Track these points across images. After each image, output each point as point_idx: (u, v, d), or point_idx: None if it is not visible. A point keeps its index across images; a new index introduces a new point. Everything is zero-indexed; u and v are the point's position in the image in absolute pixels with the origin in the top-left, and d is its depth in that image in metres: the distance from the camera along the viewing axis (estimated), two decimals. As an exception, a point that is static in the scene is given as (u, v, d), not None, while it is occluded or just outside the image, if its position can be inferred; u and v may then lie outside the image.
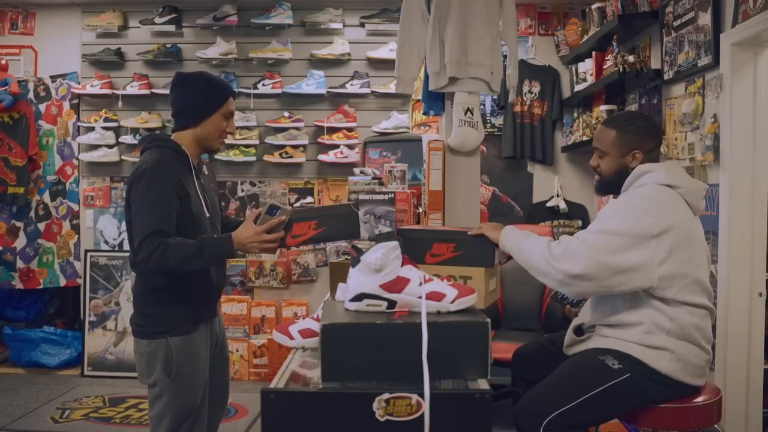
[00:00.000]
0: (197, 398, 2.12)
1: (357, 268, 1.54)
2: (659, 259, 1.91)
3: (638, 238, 1.89)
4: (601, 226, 1.95)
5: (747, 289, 2.95)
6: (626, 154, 2.11)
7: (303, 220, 2.06)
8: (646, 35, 3.80)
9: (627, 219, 1.92)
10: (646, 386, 1.95)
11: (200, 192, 2.14)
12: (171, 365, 2.06)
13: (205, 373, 2.17)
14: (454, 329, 1.44)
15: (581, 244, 1.90)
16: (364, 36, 4.81)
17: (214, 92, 2.13)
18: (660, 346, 1.95)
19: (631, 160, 2.10)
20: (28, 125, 4.79)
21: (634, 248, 1.89)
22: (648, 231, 1.90)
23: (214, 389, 2.29)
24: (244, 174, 4.89)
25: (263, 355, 4.66)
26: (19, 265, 4.87)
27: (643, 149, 2.10)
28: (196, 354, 2.12)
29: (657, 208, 1.95)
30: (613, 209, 2.00)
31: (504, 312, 4.04)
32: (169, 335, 2.07)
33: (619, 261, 1.88)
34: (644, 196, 1.99)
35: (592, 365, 1.98)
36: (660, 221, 1.92)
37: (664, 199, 1.98)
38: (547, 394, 1.96)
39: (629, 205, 1.97)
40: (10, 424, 3.66)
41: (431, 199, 2.57)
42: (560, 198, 4.69)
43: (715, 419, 2.04)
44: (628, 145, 2.10)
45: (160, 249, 1.93)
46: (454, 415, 1.35)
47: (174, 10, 4.78)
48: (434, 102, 2.79)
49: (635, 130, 2.12)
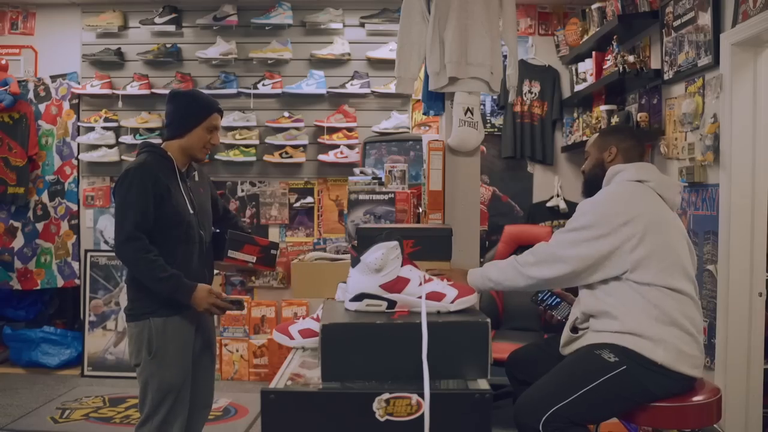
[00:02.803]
0: (177, 378, 2.29)
1: (357, 268, 1.54)
2: (631, 246, 1.99)
3: (605, 227, 2.00)
4: (569, 225, 2.08)
5: (747, 289, 2.95)
6: (603, 150, 2.25)
7: (251, 243, 2.44)
8: (646, 35, 3.80)
9: (593, 214, 2.04)
10: (643, 378, 1.96)
11: (185, 192, 2.34)
12: (152, 344, 2.26)
13: (188, 357, 2.33)
14: (454, 329, 1.44)
15: (551, 248, 2.05)
16: (364, 36, 4.81)
17: (199, 108, 2.36)
18: (651, 335, 1.97)
19: (607, 155, 2.23)
20: (28, 125, 4.79)
21: (602, 238, 1.99)
22: (615, 220, 2.00)
23: (198, 387, 2.44)
24: (244, 174, 4.89)
25: (263, 355, 4.66)
26: (17, 266, 4.86)
27: (620, 147, 2.23)
28: (176, 336, 2.30)
29: (623, 197, 2.07)
30: (580, 209, 2.10)
31: (504, 312, 4.04)
32: (152, 316, 2.27)
33: (588, 252, 1.99)
34: (610, 191, 2.12)
35: (589, 360, 2.00)
36: (628, 210, 2.02)
37: (631, 190, 2.09)
38: (546, 390, 1.98)
39: (595, 201, 2.10)
40: (10, 424, 3.66)
41: (431, 199, 2.56)
42: (560, 198, 4.69)
43: (715, 419, 2.04)
44: (606, 143, 2.25)
45: (146, 256, 2.20)
46: (454, 415, 1.35)
47: (174, 10, 4.78)
48: (434, 102, 2.78)
49: (614, 130, 2.33)
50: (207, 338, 2.49)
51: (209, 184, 2.60)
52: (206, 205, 2.47)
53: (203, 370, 2.48)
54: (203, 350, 2.48)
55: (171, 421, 2.28)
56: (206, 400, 2.54)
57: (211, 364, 2.55)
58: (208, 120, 2.35)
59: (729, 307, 2.95)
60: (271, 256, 2.50)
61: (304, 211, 4.88)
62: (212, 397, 2.59)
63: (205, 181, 2.54)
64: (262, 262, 2.48)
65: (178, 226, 2.29)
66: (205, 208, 2.45)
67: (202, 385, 2.48)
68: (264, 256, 2.47)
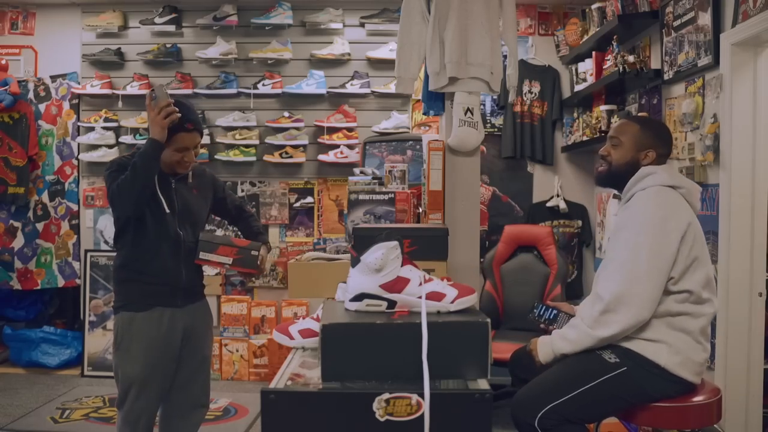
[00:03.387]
0: (140, 372, 2.33)
1: (357, 268, 1.54)
2: (683, 257, 1.98)
3: (670, 245, 1.96)
4: (631, 245, 1.97)
5: (747, 289, 2.95)
6: (641, 150, 2.15)
7: (228, 245, 2.43)
8: (646, 35, 3.80)
9: (653, 233, 1.96)
10: (642, 380, 1.96)
11: (162, 192, 2.35)
12: (118, 337, 2.36)
13: (154, 354, 2.35)
14: (454, 329, 1.44)
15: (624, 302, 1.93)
16: (364, 36, 4.81)
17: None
18: (658, 338, 1.97)
19: (643, 157, 2.14)
20: (28, 125, 4.79)
21: (670, 260, 1.96)
22: (675, 236, 1.96)
23: (189, 387, 2.47)
24: (244, 174, 4.89)
25: (263, 355, 4.66)
26: (17, 266, 4.86)
27: (657, 151, 2.15)
28: (141, 332, 2.34)
29: (670, 210, 2.01)
30: (633, 222, 2.01)
31: (504, 312, 4.04)
32: (122, 310, 2.37)
33: (660, 286, 1.95)
34: (655, 202, 2.02)
35: (589, 359, 2.00)
36: (679, 224, 1.98)
37: (672, 200, 2.04)
38: (544, 387, 1.99)
39: (646, 215, 2.00)
40: (10, 424, 3.66)
41: (431, 199, 2.56)
42: (560, 198, 4.69)
43: (715, 419, 2.04)
44: (646, 143, 2.15)
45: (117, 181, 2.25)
46: (454, 415, 1.35)
47: (174, 10, 4.78)
48: (434, 102, 2.79)
49: (656, 130, 2.19)
50: (197, 339, 2.48)
51: (213, 186, 2.59)
52: (194, 206, 2.46)
53: (191, 370, 2.48)
54: (191, 351, 2.47)
55: (137, 412, 2.34)
56: (200, 400, 2.54)
57: (202, 364, 2.53)
58: (174, 142, 2.32)
59: (729, 307, 2.95)
60: (252, 258, 2.45)
61: (304, 211, 4.88)
62: (208, 398, 2.58)
63: (203, 184, 2.54)
64: (240, 264, 2.45)
65: (155, 225, 2.33)
66: (191, 209, 2.45)
67: (193, 385, 2.49)
68: (242, 258, 2.43)
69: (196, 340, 2.48)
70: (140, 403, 2.35)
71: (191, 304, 2.46)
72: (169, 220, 2.36)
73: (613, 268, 1.99)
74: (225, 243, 2.44)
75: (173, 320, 2.39)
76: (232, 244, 2.44)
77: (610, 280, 1.97)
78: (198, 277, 2.52)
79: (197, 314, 2.49)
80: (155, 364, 2.35)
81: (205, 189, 2.56)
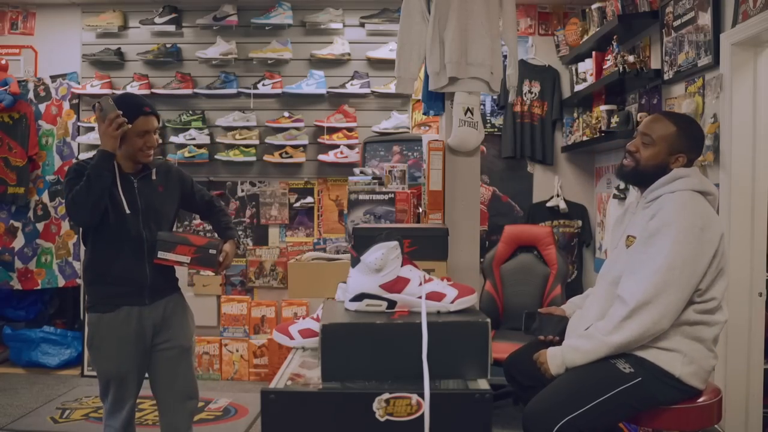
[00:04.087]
0: (113, 369, 2.41)
1: (357, 268, 1.54)
2: (713, 270, 1.96)
3: (705, 258, 1.94)
4: (666, 253, 1.92)
5: (747, 289, 2.95)
6: (674, 153, 2.08)
7: (185, 244, 2.43)
8: (646, 35, 3.80)
9: (690, 245, 1.93)
10: (656, 390, 1.94)
11: (123, 192, 2.38)
12: (89, 336, 2.45)
13: (124, 351, 2.41)
14: (454, 329, 1.44)
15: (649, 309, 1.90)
16: (364, 36, 4.81)
17: (124, 115, 2.34)
18: (673, 348, 1.95)
19: (674, 161, 2.08)
20: (28, 125, 4.79)
21: (702, 273, 1.94)
22: (710, 249, 1.94)
23: (172, 381, 2.51)
24: (244, 174, 4.89)
25: (263, 355, 4.66)
26: (18, 266, 4.86)
27: (688, 156, 2.09)
28: (109, 331, 2.40)
29: (707, 220, 1.97)
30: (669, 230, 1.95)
31: (504, 312, 4.04)
32: (91, 311, 2.44)
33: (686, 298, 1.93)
34: (692, 211, 1.97)
35: (604, 369, 1.96)
36: (714, 236, 1.96)
37: (708, 210, 2.00)
38: (558, 399, 1.93)
39: (685, 224, 1.95)
40: (10, 424, 3.66)
41: (431, 199, 2.56)
42: (560, 198, 4.69)
43: (715, 419, 2.04)
44: (681, 146, 2.08)
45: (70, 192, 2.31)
46: (454, 415, 1.35)
47: (174, 10, 4.78)
48: (434, 102, 2.78)
49: (693, 135, 2.12)
50: (169, 332, 2.50)
51: (180, 182, 2.60)
52: (158, 204, 2.48)
53: (171, 364, 2.50)
54: (166, 344, 2.49)
55: (120, 403, 2.43)
56: (187, 391, 2.56)
57: (181, 356, 2.53)
58: (134, 126, 2.37)
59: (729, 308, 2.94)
60: (210, 256, 2.46)
61: (304, 211, 4.88)
62: (196, 389, 2.60)
63: (170, 180, 2.55)
64: (198, 263, 2.47)
65: (115, 223, 2.36)
66: (155, 208, 2.46)
67: (176, 378, 2.52)
68: (201, 256, 2.45)
69: (169, 333, 2.50)
70: (120, 393, 2.43)
71: (160, 300, 2.48)
72: (131, 220, 2.39)
73: (644, 274, 1.93)
74: (182, 242, 2.45)
75: (141, 318, 2.42)
76: (189, 243, 2.45)
77: (639, 287, 1.92)
78: (166, 273, 2.52)
79: (168, 308, 2.50)
80: (127, 360, 2.41)
81: (172, 185, 2.56)
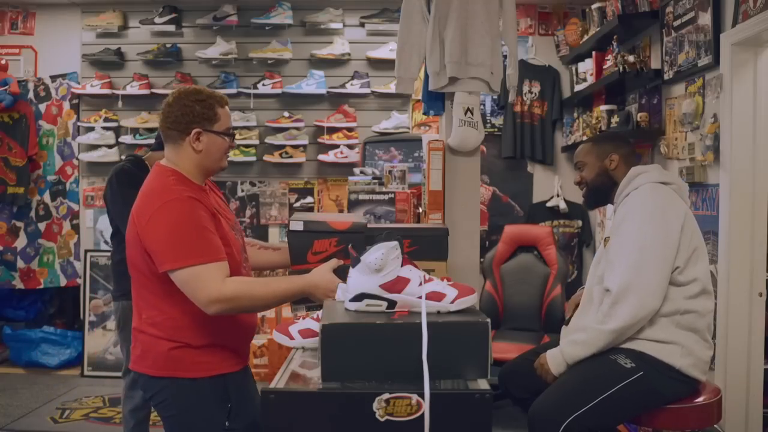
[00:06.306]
0: None
1: (357, 268, 1.54)
2: (685, 246, 2.01)
3: (673, 231, 2.00)
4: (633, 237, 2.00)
5: (747, 289, 2.95)
6: (603, 158, 2.24)
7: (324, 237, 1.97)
8: (646, 35, 3.80)
9: (654, 223, 2.00)
10: (658, 384, 1.95)
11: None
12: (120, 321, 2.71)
13: None
14: (454, 329, 1.44)
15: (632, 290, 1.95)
16: (364, 36, 4.81)
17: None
18: (669, 340, 1.97)
19: (609, 162, 2.23)
20: (28, 125, 4.79)
21: (674, 247, 1.99)
22: (676, 223, 2.01)
23: None
24: (244, 174, 4.89)
25: (263, 355, 4.66)
26: (20, 265, 4.87)
27: (618, 153, 2.23)
28: None
29: (667, 200, 2.06)
30: (632, 216, 2.05)
31: (504, 312, 4.03)
32: (122, 299, 2.61)
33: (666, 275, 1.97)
34: (651, 196, 2.07)
35: (605, 365, 1.97)
36: (678, 211, 2.04)
37: (667, 193, 2.09)
38: (562, 398, 1.93)
39: (645, 207, 2.05)
40: (10, 424, 3.66)
41: (431, 199, 2.56)
42: (560, 198, 4.69)
43: (715, 419, 2.04)
44: (604, 151, 2.25)
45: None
46: (454, 415, 1.35)
47: (174, 10, 4.78)
48: (434, 102, 2.78)
49: (607, 137, 2.36)
50: None
51: None
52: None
53: None
54: None
55: None
56: None
57: None
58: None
59: (729, 307, 2.95)
60: None
61: (304, 211, 4.88)
62: None
63: None
64: None
65: None
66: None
67: None
68: None
69: None
70: None
71: None
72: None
73: (618, 261, 2.00)
74: None
75: None
76: None
77: (616, 273, 1.98)
78: None
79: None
80: None
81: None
